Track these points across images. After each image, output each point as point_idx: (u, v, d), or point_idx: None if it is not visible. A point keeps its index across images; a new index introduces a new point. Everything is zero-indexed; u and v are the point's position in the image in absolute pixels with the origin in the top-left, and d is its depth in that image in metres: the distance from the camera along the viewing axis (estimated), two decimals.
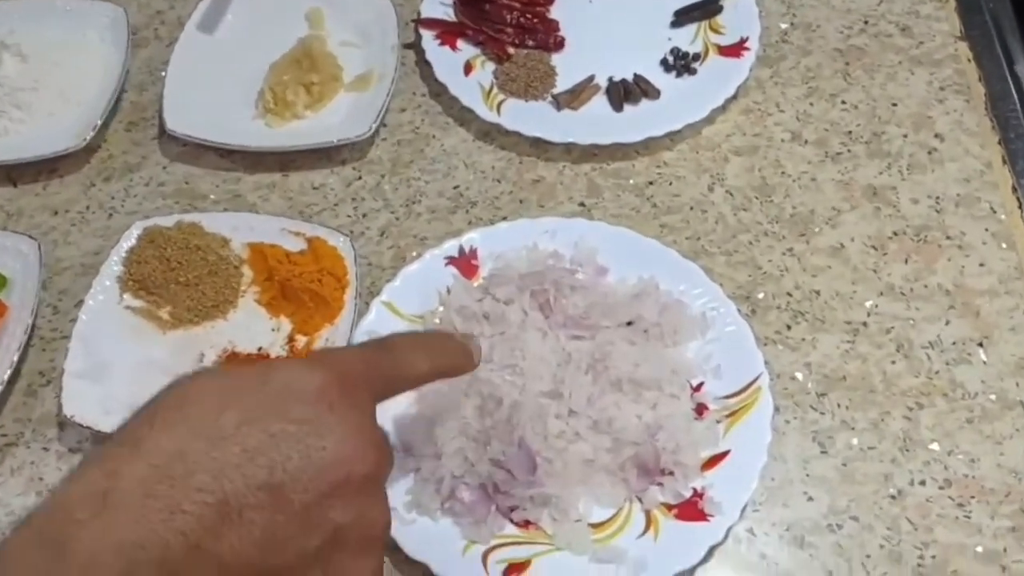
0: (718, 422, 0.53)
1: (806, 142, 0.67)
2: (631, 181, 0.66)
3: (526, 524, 0.50)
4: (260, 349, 0.57)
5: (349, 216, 0.64)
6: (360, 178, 0.67)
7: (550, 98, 0.68)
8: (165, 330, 0.58)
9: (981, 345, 0.57)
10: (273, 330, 0.58)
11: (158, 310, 0.58)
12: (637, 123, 0.66)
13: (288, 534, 0.31)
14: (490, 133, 0.68)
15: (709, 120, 0.68)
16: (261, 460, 0.30)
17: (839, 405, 0.55)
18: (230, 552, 0.30)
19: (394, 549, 0.49)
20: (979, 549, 0.50)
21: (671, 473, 0.51)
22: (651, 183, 0.66)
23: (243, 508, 0.30)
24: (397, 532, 0.49)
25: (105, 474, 0.30)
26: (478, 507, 0.50)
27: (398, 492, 0.51)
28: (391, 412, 0.53)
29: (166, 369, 0.56)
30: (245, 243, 0.61)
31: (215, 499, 0.29)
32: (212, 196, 0.66)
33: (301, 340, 0.57)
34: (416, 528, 0.50)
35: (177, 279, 0.58)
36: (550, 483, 0.50)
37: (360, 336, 0.56)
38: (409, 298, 0.58)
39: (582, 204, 0.65)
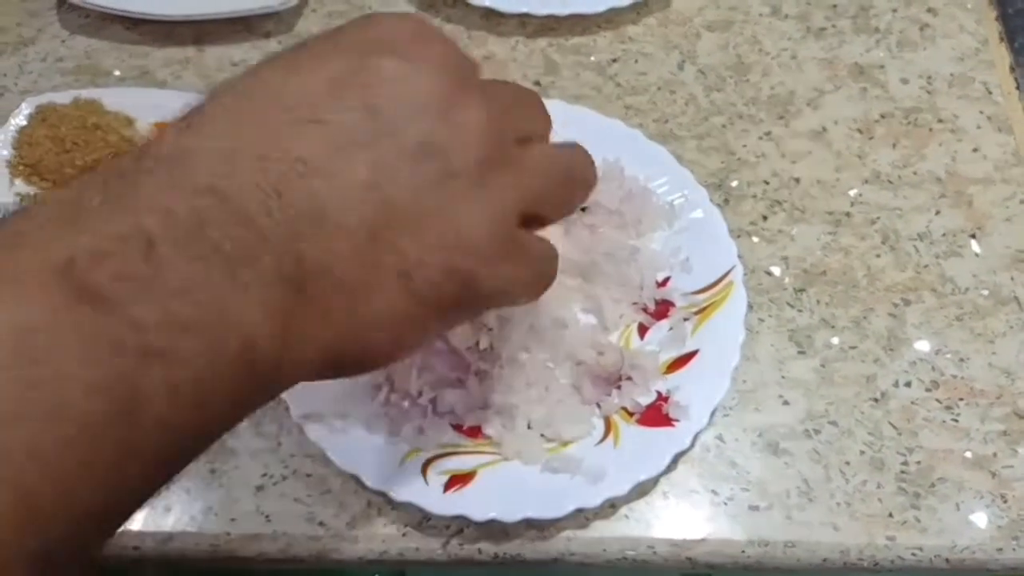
0: (686, 320, 0.48)
1: (786, 16, 0.61)
2: (592, 58, 0.59)
3: (473, 432, 0.45)
4: None
5: None
6: None
7: None
8: None
9: (974, 236, 0.52)
10: None
11: None
12: None
13: (399, 160, 0.26)
14: (434, 3, 0.61)
15: None
16: (353, 83, 0.26)
17: (818, 302, 0.50)
18: (341, 173, 0.25)
19: (324, 460, 0.44)
20: (967, 455, 0.46)
21: (629, 378, 0.46)
22: (615, 60, 0.59)
23: (344, 129, 0.26)
24: (326, 441, 0.44)
25: (187, 112, 0.26)
26: (415, 413, 0.45)
27: (326, 398, 0.45)
28: None
29: None
30: (152, 123, 0.53)
31: (309, 117, 0.26)
32: (117, 72, 0.58)
33: None
34: (348, 436, 0.44)
35: (73, 162, 0.51)
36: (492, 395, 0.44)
37: None
38: None
39: (537, 83, 0.58)
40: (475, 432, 0.45)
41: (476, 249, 0.28)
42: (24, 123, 0.52)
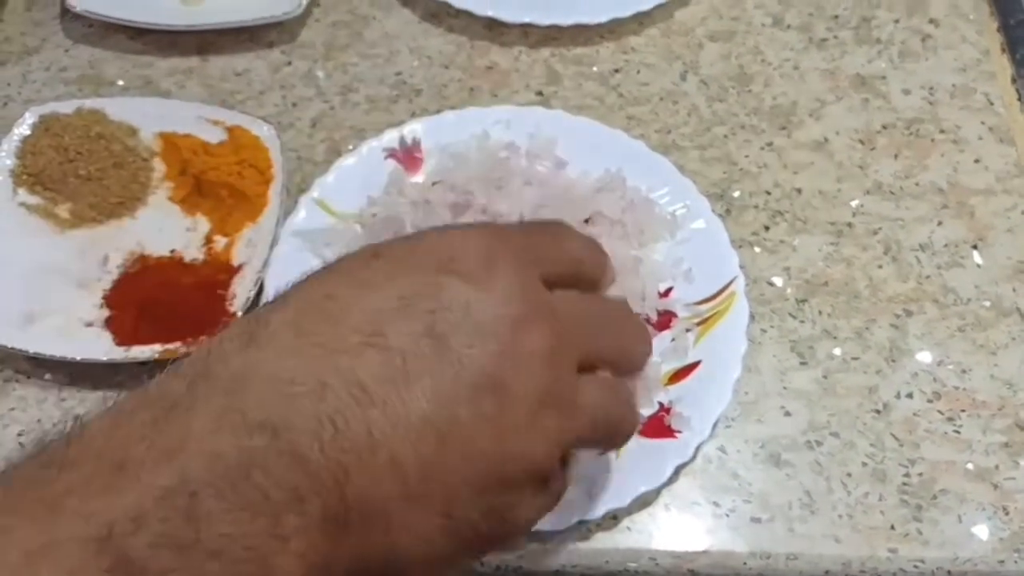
0: (688, 331, 0.48)
1: (788, 27, 0.61)
2: (595, 68, 0.59)
3: None
4: (173, 251, 0.50)
5: (276, 105, 0.57)
6: (289, 63, 0.59)
7: None
8: (64, 229, 0.51)
9: (976, 247, 0.52)
10: (188, 230, 0.51)
11: (56, 207, 0.51)
12: (602, 2, 0.59)
13: (458, 392, 0.26)
14: (438, 14, 0.61)
15: (682, 1, 0.61)
16: (420, 306, 0.26)
17: (820, 312, 0.50)
18: (399, 403, 0.25)
19: None
20: (969, 466, 0.46)
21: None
22: (617, 71, 0.59)
23: (406, 356, 0.25)
24: None
25: (251, 320, 0.26)
26: None
27: None
28: None
29: (64, 273, 0.49)
30: (156, 133, 0.53)
31: (372, 341, 0.25)
32: (121, 82, 0.58)
33: (220, 241, 0.50)
34: None
35: (77, 172, 0.51)
36: None
37: (286, 236, 0.49)
38: (343, 195, 0.51)
39: (540, 93, 0.58)
40: None
41: (517, 488, 0.28)
42: (28, 133, 0.53)
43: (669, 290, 0.49)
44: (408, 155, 0.53)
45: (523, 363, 0.27)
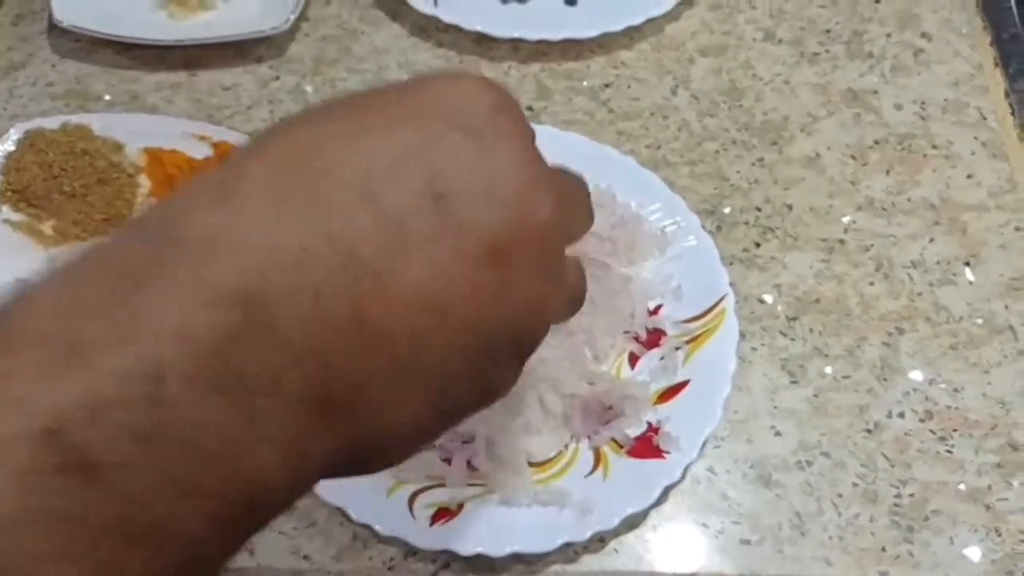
0: (677, 349, 0.47)
1: (780, 41, 0.61)
2: (585, 83, 0.59)
3: (461, 465, 0.44)
4: None
5: (264, 120, 0.57)
6: (278, 78, 0.59)
7: None
8: (48, 247, 0.50)
9: (968, 264, 0.52)
10: None
11: (40, 224, 0.51)
12: (592, 17, 0.59)
13: (457, 263, 0.23)
14: (427, 28, 0.61)
15: (673, 16, 0.61)
16: (420, 161, 0.23)
17: (811, 330, 0.50)
18: (391, 275, 0.22)
19: (310, 492, 0.43)
20: (961, 487, 0.45)
21: (620, 409, 0.45)
22: (607, 85, 0.59)
23: (404, 220, 0.22)
24: None
25: (226, 171, 0.23)
26: None
27: None
28: None
29: None
30: (142, 149, 0.53)
31: (364, 202, 0.22)
32: (107, 97, 0.58)
33: None
34: None
35: (61, 188, 0.51)
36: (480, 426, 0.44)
37: None
38: None
39: (530, 108, 0.58)
40: (463, 465, 0.44)
41: (506, 361, 0.26)
42: (12, 149, 0.52)
43: (659, 308, 0.49)
44: None
45: (529, 233, 0.25)
